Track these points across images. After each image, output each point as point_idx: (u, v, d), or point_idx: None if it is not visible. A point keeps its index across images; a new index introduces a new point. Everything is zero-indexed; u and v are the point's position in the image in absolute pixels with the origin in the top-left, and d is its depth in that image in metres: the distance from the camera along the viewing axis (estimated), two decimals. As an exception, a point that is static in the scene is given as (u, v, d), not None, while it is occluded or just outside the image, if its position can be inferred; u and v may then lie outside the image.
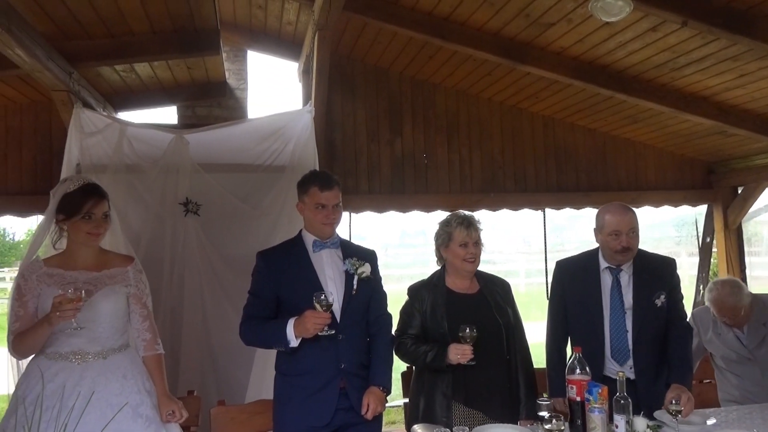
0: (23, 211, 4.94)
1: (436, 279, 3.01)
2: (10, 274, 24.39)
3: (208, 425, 2.85)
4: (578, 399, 2.51)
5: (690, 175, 6.17)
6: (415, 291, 3.00)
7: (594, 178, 5.90)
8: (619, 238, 2.90)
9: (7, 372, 2.95)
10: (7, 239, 32.91)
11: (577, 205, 5.89)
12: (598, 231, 3.02)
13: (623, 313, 2.92)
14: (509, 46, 4.50)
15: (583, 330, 2.97)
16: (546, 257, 5.95)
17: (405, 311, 2.99)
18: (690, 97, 4.84)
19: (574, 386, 2.52)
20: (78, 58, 4.10)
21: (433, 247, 3.09)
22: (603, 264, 3.02)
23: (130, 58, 4.34)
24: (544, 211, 5.86)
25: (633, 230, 2.92)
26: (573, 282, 3.07)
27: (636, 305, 2.93)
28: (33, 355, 2.52)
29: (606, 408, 2.41)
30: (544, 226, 5.98)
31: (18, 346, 2.46)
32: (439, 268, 3.08)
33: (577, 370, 2.54)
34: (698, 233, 6.73)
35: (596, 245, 3.15)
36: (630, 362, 2.89)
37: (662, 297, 2.94)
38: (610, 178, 5.93)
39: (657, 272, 3.01)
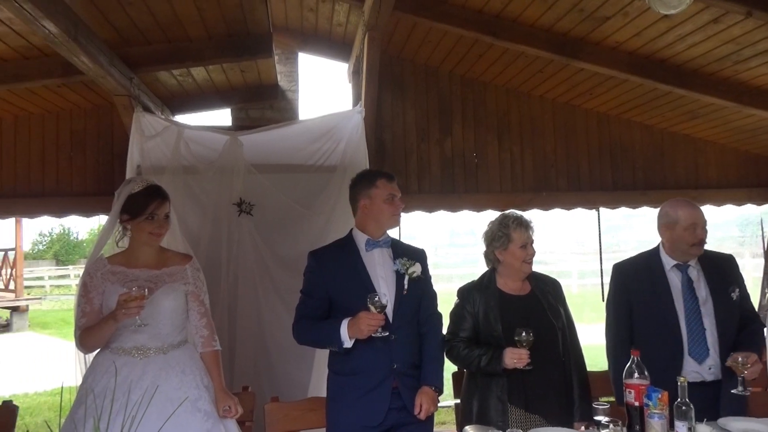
0: (87, 211, 5.15)
1: (487, 281, 2.96)
2: (75, 271, 25.61)
3: (262, 420, 2.90)
4: (636, 404, 2.43)
5: (755, 172, 5.89)
6: (465, 293, 2.95)
7: (651, 176, 5.71)
8: (696, 232, 2.90)
9: (75, 365, 3.09)
10: (72, 238, 34.54)
11: (634, 204, 5.72)
12: (671, 227, 2.96)
13: (698, 311, 2.87)
14: (562, 42, 4.41)
15: (657, 332, 2.90)
16: (601, 258, 5.80)
17: (455, 313, 2.95)
18: (755, 90, 4.62)
19: (633, 391, 2.45)
20: (138, 63, 4.26)
21: (483, 247, 3.05)
22: (669, 262, 2.97)
23: (186, 63, 4.48)
24: (598, 211, 5.71)
25: (705, 223, 2.94)
26: (639, 284, 3.00)
27: (715, 300, 2.89)
28: (98, 350, 2.63)
29: (666, 414, 2.33)
30: (599, 225, 5.82)
31: (85, 341, 2.58)
32: (488, 268, 3.04)
33: (635, 374, 2.47)
34: (764, 233, 6.42)
35: (653, 246, 3.10)
36: (708, 361, 2.83)
37: (736, 291, 2.92)
38: (669, 176, 5.73)
39: (722, 267, 2.99)
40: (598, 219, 5.79)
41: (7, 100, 4.70)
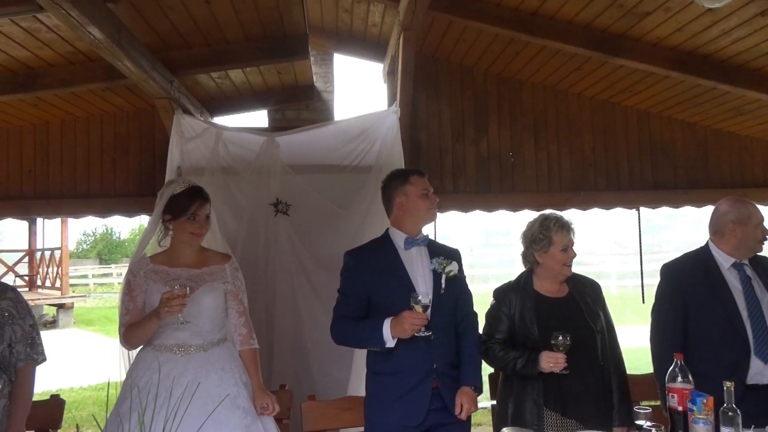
0: (129, 211, 5.29)
1: (524, 282, 2.92)
2: (117, 270, 26.35)
3: (299, 419, 2.94)
4: (680, 409, 2.37)
5: (804, 170, 5.68)
6: (501, 294, 2.92)
7: (694, 174, 5.56)
8: (764, 228, 2.89)
9: (119, 361, 3.18)
10: (114, 238, 35.57)
11: (675, 203, 5.57)
12: (743, 223, 2.89)
13: (760, 309, 2.80)
14: (601, 39, 4.32)
15: (720, 333, 2.82)
16: (641, 259, 5.67)
17: (491, 315, 2.92)
18: (805, 86, 4.46)
19: (676, 395, 2.38)
20: (178, 67, 4.35)
21: (519, 248, 3.01)
22: (727, 260, 2.90)
23: (225, 66, 4.56)
24: (638, 210, 5.60)
25: None
26: (694, 284, 2.92)
27: None
28: (141, 346, 2.70)
29: (711, 420, 2.26)
30: (639, 226, 5.70)
31: (129, 338, 2.65)
32: (525, 269, 3.00)
33: (679, 378, 2.40)
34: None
35: (696, 246, 3.04)
36: None
37: None
38: (712, 175, 5.56)
39: (764, 266, 2.95)
40: (639, 219, 5.67)
41: (55, 105, 4.86)
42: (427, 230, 3.00)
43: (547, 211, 3.00)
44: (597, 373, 2.76)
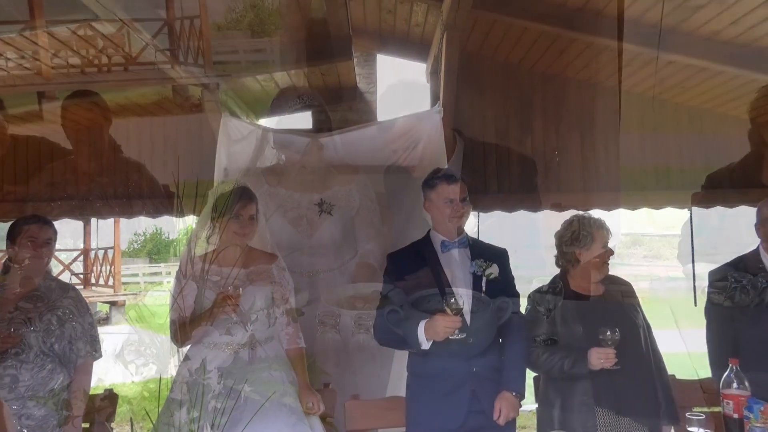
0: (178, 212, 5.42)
1: (560, 283, 2.91)
2: (166, 269, 27.04)
3: (343, 418, 2.95)
4: (735, 416, 2.29)
5: None
6: (538, 297, 2.92)
7: (750, 174, 5.33)
8: None
9: (169, 357, 3.26)
10: (163, 238, 36.58)
11: (730, 203, 5.37)
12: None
13: None
14: (651, 34, 4.21)
15: None
16: (693, 261, 5.49)
17: (529, 318, 2.90)
18: None
19: (731, 402, 2.31)
20: (225, 70, 4.44)
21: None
22: None
23: (270, 68, 4.63)
24: (690, 210, 5.41)
25: None
26: (745, 288, 2.83)
27: None
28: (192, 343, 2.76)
29: (770, 428, 2.18)
30: (691, 226, 5.51)
31: (179, 336, 2.72)
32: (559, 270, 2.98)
33: (734, 384, 2.33)
34: None
35: (751, 248, 2.93)
36: None
37: None
38: (771, 174, 5.34)
39: None
40: (690, 219, 5.49)
41: (108, 108, 5.03)
42: (469, 230, 2.99)
43: (581, 212, 2.99)
44: (645, 368, 2.75)
